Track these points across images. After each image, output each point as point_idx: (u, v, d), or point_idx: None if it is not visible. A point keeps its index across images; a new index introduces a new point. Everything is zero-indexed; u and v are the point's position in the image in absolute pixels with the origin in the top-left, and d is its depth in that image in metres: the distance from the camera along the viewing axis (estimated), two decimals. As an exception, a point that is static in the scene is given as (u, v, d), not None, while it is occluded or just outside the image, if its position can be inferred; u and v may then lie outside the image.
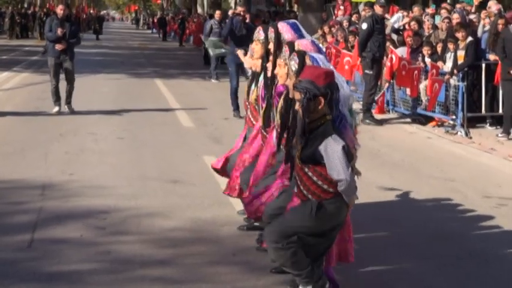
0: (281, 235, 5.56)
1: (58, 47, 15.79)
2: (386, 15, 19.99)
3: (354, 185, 5.52)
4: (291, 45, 6.28)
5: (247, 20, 16.96)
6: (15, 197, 9.46)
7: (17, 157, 11.78)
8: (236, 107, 16.73)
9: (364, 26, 16.71)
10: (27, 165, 11.18)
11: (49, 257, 7.32)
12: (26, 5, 69.99)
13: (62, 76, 16.29)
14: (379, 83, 17.20)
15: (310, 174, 5.48)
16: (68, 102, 16.30)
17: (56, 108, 16.22)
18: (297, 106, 5.42)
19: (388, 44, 17.24)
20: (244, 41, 16.58)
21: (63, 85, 16.25)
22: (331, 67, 6.20)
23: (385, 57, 16.95)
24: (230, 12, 28.39)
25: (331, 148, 5.31)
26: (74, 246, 7.67)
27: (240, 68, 16.56)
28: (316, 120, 5.43)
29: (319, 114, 5.42)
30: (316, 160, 5.41)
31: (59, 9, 16.62)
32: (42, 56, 18.36)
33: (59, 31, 15.77)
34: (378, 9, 17.58)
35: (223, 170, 8.27)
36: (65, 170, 10.91)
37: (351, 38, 19.74)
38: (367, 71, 16.63)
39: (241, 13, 17.60)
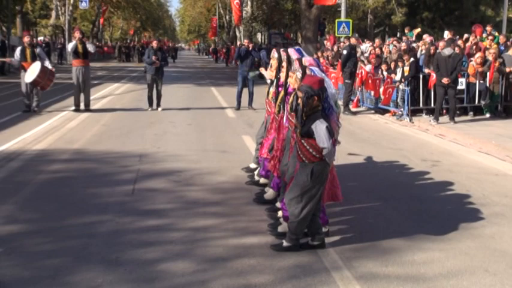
0: (297, 193, 5.55)
1: (154, 65, 15.84)
2: (359, 44, 19.94)
3: (333, 151, 5.51)
4: (300, 60, 6.30)
5: (250, 48, 16.81)
6: (123, 162, 9.49)
7: (124, 137, 11.82)
8: (238, 104, 16.77)
9: (345, 51, 16.77)
10: (130, 142, 11.21)
11: (145, 200, 7.35)
12: (128, 40, 70.30)
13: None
14: (353, 88, 17.14)
15: (305, 144, 5.47)
16: (158, 103, 16.32)
17: (149, 107, 16.22)
18: (299, 101, 5.46)
19: (359, 63, 17.17)
20: (249, 61, 16.57)
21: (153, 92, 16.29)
22: (323, 75, 6.21)
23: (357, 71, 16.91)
24: (238, 44, 28.26)
25: (319, 127, 5.34)
26: (161, 193, 7.69)
27: (245, 78, 16.54)
28: (311, 110, 5.44)
29: (313, 106, 5.43)
30: (310, 135, 5.41)
31: (154, 43, 16.60)
32: (142, 73, 18.40)
33: (154, 58, 15.80)
34: (353, 41, 17.63)
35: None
36: (154, 145, 10.94)
37: (334, 60, 19.76)
38: (347, 81, 16.62)
39: (246, 44, 17.49)
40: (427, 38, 18.43)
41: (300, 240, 5.74)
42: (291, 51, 6.81)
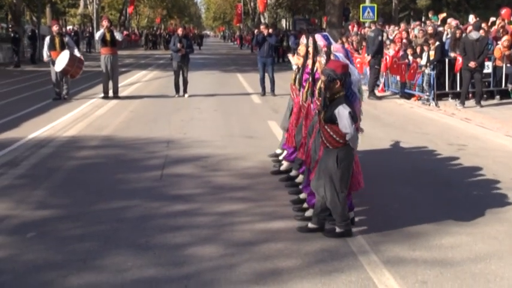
0: (327, 180, 5.50)
1: (180, 53, 15.82)
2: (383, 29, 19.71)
3: (356, 136, 5.45)
4: (328, 47, 6.24)
5: (265, 34, 16.67)
6: (151, 148, 9.52)
7: (151, 123, 11.85)
8: (263, 89, 16.69)
9: (380, 38, 16.44)
10: (158, 128, 11.24)
11: (173, 185, 7.36)
12: (155, 28, 70.53)
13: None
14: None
15: (328, 130, 5.42)
16: (185, 90, 16.31)
17: (176, 94, 16.24)
18: (322, 84, 5.42)
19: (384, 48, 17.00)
20: (265, 47, 16.43)
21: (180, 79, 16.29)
22: (347, 61, 6.12)
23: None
24: (256, 31, 28.11)
25: (342, 112, 5.28)
26: (188, 178, 7.69)
27: (264, 64, 16.42)
28: (334, 94, 5.39)
29: (336, 91, 5.38)
30: (333, 120, 5.35)
31: (179, 31, 16.62)
32: (169, 60, 18.46)
33: (179, 45, 15.80)
34: (379, 26, 17.38)
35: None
36: (181, 131, 10.95)
37: (359, 46, 19.57)
38: (376, 66, 16.42)
39: (262, 30, 17.36)
40: (452, 21, 18.11)
41: (327, 225, 5.69)
42: (318, 37, 6.73)
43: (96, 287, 4.51)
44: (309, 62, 6.97)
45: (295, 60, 7.82)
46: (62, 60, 14.69)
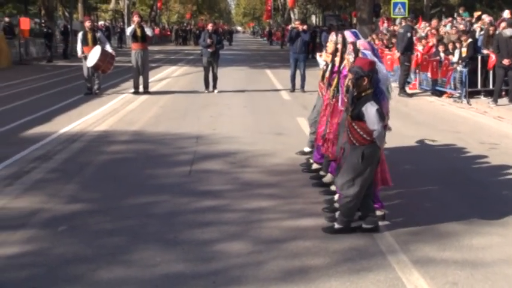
0: (349, 177, 5.46)
1: (210, 49, 15.87)
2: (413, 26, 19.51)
3: (383, 134, 5.40)
4: (354, 44, 6.19)
5: (300, 30, 16.62)
6: (180, 143, 9.57)
7: (180, 119, 11.91)
8: (292, 86, 16.61)
9: (409, 34, 16.24)
10: (187, 124, 11.28)
11: (201, 180, 7.38)
12: (185, 24, 70.85)
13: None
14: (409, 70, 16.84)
15: (356, 127, 5.38)
16: (214, 86, 16.34)
17: (206, 90, 16.28)
18: (349, 82, 5.39)
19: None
20: (299, 43, 16.35)
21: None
22: (375, 59, 6.07)
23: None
24: (289, 26, 27.95)
25: (369, 109, 5.24)
26: (217, 174, 7.71)
27: (296, 60, 16.37)
28: (361, 92, 5.36)
29: (363, 88, 5.35)
30: (360, 118, 5.32)
31: (210, 26, 16.71)
32: (199, 56, 18.53)
33: (209, 41, 15.84)
34: (409, 22, 17.19)
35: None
36: (210, 127, 10.98)
37: (389, 42, 19.38)
38: (406, 63, 16.25)
39: (297, 25, 17.30)
40: (486, 18, 17.84)
41: (353, 223, 5.64)
42: (347, 34, 6.67)
43: (125, 281, 4.55)
44: (337, 59, 6.94)
45: (323, 57, 7.77)
46: (93, 55, 14.84)
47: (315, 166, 7.74)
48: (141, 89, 15.80)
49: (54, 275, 4.63)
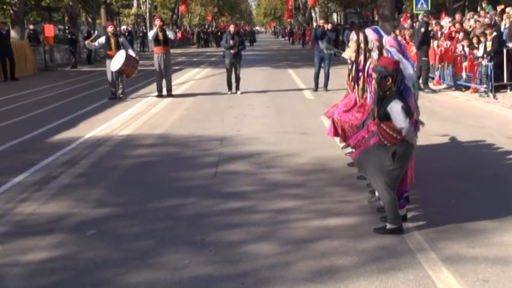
0: (383, 178, 5.41)
1: (233, 50, 15.89)
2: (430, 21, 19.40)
3: (412, 130, 5.35)
4: (379, 41, 6.14)
5: (326, 29, 16.55)
6: (204, 145, 9.59)
7: (204, 121, 11.94)
8: (316, 85, 16.51)
9: (422, 29, 16.15)
10: (211, 126, 11.31)
11: (227, 182, 7.39)
12: (206, 26, 71.13)
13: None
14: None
15: (384, 127, 5.34)
16: (237, 87, 16.37)
17: (228, 91, 16.30)
18: (373, 82, 5.36)
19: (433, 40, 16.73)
20: (325, 41, 16.27)
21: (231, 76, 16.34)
22: (400, 56, 6.01)
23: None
24: (314, 25, 27.79)
25: (394, 107, 5.20)
26: (242, 175, 7.71)
27: (321, 59, 16.29)
28: (386, 91, 5.32)
29: (388, 87, 5.30)
30: (387, 117, 5.27)
31: (232, 28, 16.70)
32: (221, 58, 18.58)
33: (231, 42, 15.86)
34: (425, 18, 17.07)
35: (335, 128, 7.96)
36: (234, 128, 10.99)
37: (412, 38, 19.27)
38: (424, 58, 16.12)
39: (322, 24, 17.23)
40: (511, 11, 17.56)
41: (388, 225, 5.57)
42: (369, 32, 6.63)
43: (154, 284, 4.58)
44: (361, 58, 6.89)
45: (347, 53, 7.70)
46: (118, 60, 14.95)
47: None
48: (164, 92, 15.88)
49: (83, 280, 4.67)
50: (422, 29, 16.11)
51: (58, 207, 6.47)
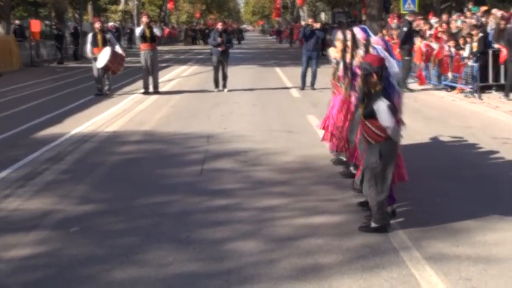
0: (370, 177, 5.43)
1: (220, 48, 15.87)
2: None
3: (398, 129, 5.38)
4: (367, 40, 6.17)
5: (314, 28, 16.61)
6: (191, 143, 9.57)
7: (191, 118, 11.91)
8: (303, 83, 16.56)
9: (405, 29, 16.34)
10: (198, 123, 11.29)
11: (213, 179, 7.38)
12: (194, 23, 70.98)
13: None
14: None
15: (369, 125, 5.36)
16: (224, 85, 16.36)
17: (215, 89, 16.28)
18: (358, 79, 5.39)
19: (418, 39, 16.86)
20: (313, 41, 16.32)
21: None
22: (386, 54, 6.04)
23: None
24: (303, 23, 27.83)
25: (381, 106, 5.22)
26: (228, 173, 7.71)
27: (309, 58, 16.32)
28: (371, 88, 5.33)
29: (373, 84, 5.31)
30: (373, 115, 5.29)
31: (219, 25, 16.69)
32: (208, 55, 18.56)
33: (219, 39, 15.84)
34: (408, 17, 17.23)
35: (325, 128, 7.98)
36: (221, 126, 10.98)
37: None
38: (406, 58, 16.22)
39: (311, 23, 17.28)
40: (497, 12, 17.70)
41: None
42: (357, 31, 6.64)
43: (139, 281, 4.56)
44: (347, 56, 6.90)
45: (333, 53, 7.70)
46: (103, 56, 14.88)
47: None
48: (151, 89, 15.83)
49: (67, 276, 4.64)
50: (405, 29, 16.28)
51: (42, 204, 6.43)
